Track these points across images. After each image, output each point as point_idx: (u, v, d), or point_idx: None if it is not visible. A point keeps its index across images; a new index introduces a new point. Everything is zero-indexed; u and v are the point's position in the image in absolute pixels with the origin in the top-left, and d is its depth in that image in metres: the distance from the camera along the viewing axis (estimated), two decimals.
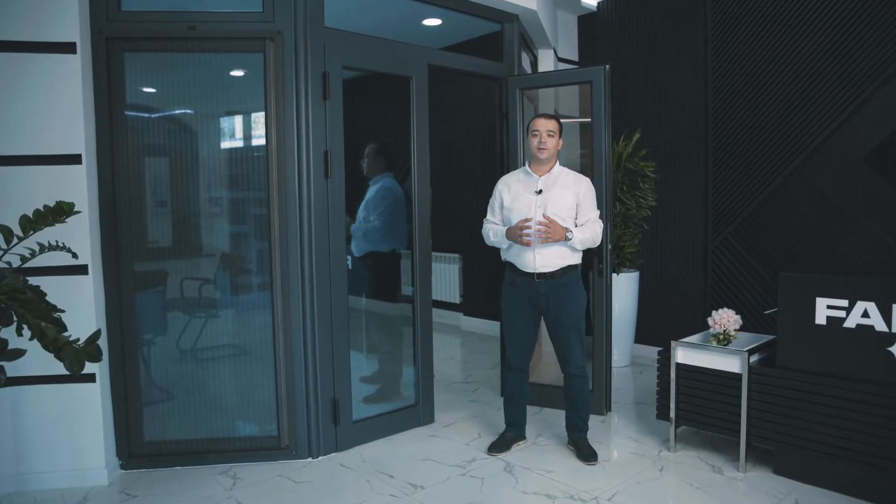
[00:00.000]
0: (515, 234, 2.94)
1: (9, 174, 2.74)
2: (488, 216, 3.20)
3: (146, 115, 3.04)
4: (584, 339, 3.13)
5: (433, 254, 6.83)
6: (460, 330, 6.45)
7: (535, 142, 3.00)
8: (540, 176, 3.04)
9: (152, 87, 3.02)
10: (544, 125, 3.00)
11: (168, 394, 3.22)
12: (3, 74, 2.71)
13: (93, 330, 2.88)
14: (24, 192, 2.68)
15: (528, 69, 4.63)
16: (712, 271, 4.55)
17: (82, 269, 2.82)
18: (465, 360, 5.32)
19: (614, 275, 4.62)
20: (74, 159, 2.80)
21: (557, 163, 3.10)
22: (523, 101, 3.89)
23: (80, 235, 2.80)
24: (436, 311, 6.88)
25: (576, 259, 3.05)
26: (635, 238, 4.72)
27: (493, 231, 3.11)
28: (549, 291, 3.01)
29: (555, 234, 2.88)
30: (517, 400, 3.28)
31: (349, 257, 4.77)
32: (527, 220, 2.92)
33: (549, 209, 2.94)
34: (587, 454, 3.11)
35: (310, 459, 3.16)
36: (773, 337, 3.14)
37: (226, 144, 3.15)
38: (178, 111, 3.09)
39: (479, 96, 6.05)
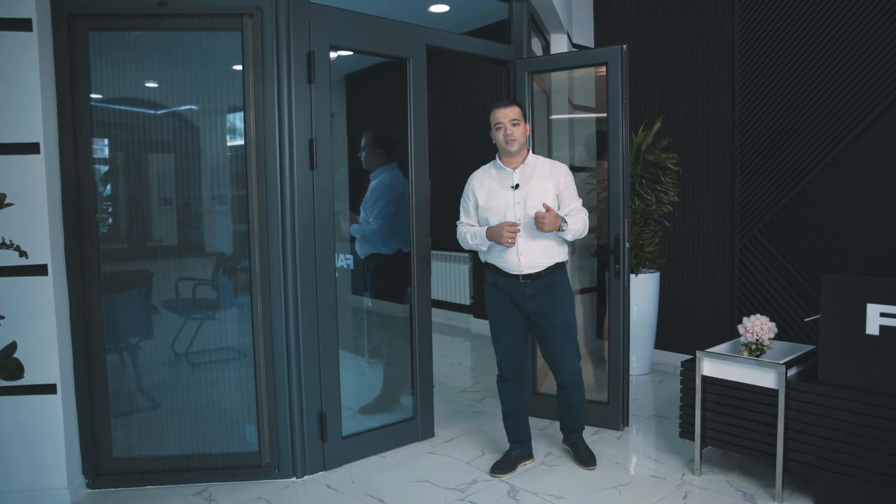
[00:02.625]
0: (498, 234, 2.67)
1: None
2: (462, 218, 2.92)
3: (114, 103, 2.77)
4: (576, 342, 2.88)
5: (442, 253, 6.58)
6: (470, 333, 6.14)
7: (500, 135, 2.73)
8: (514, 169, 2.78)
9: (120, 71, 2.74)
10: (505, 115, 2.72)
11: (153, 402, 2.97)
12: None
13: (53, 335, 2.66)
14: None
15: (540, 54, 4.30)
16: (740, 272, 4.18)
17: (41, 270, 2.56)
18: (472, 365, 5.01)
19: (633, 276, 4.28)
20: (31, 148, 2.53)
21: (530, 151, 2.85)
22: (533, 86, 3.56)
23: (38, 233, 2.54)
24: (445, 313, 6.67)
25: (562, 256, 2.82)
26: (655, 236, 4.37)
27: (470, 234, 2.84)
28: (535, 292, 2.76)
29: (554, 223, 2.64)
30: (516, 414, 3.00)
31: (350, 257, 4.51)
32: (514, 224, 2.66)
33: (529, 203, 2.70)
34: (586, 457, 2.93)
35: (294, 479, 2.87)
36: (813, 347, 2.78)
37: (202, 133, 2.87)
38: (148, 97, 2.81)
39: (493, 87, 5.73)
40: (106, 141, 2.84)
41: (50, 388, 2.61)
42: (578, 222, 2.76)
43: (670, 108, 4.48)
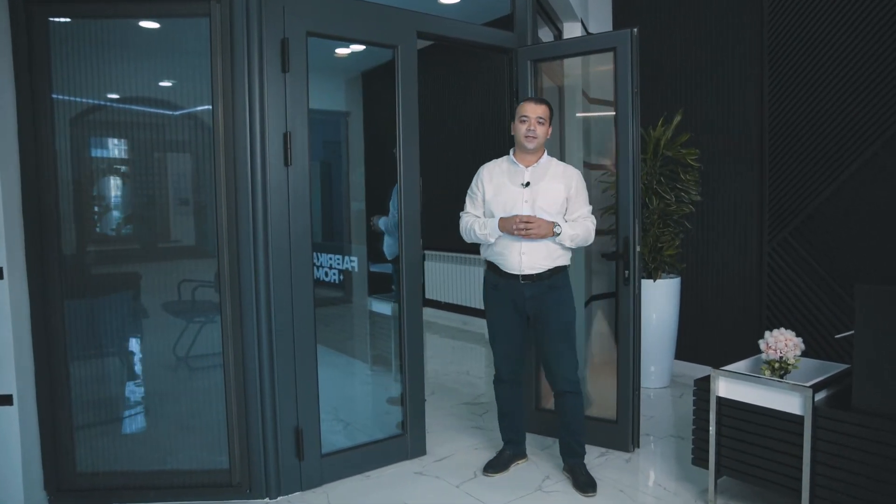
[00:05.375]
0: (511, 225, 2.59)
1: None
2: (468, 208, 2.86)
3: (77, 97, 2.60)
4: (575, 349, 2.79)
5: (458, 255, 6.32)
6: (485, 339, 5.86)
7: (523, 129, 2.68)
8: (527, 167, 2.73)
9: (82, 62, 2.56)
10: (534, 110, 2.67)
11: (121, 413, 2.81)
12: None
13: (9, 342, 2.50)
14: None
15: None
16: (769, 278, 3.82)
17: None
18: (481, 374, 4.74)
19: (650, 281, 3.96)
20: None
21: (545, 152, 2.79)
22: (535, 76, 3.28)
23: None
24: (461, 318, 6.42)
25: (564, 259, 2.75)
26: (676, 239, 4.03)
27: (478, 223, 2.74)
28: (535, 294, 2.69)
29: (539, 229, 2.56)
30: (511, 415, 2.96)
31: (354, 259, 4.31)
32: (529, 217, 2.58)
33: (538, 203, 2.65)
34: (584, 483, 2.71)
35: (267, 500, 2.66)
36: (846, 367, 2.44)
37: (169, 125, 2.69)
38: (114, 90, 2.63)
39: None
40: (82, 137, 2.69)
41: (5, 399, 2.45)
42: (577, 228, 2.68)
43: (693, 100, 4.14)
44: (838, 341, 3.43)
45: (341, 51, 4.93)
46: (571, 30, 4.27)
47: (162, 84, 2.68)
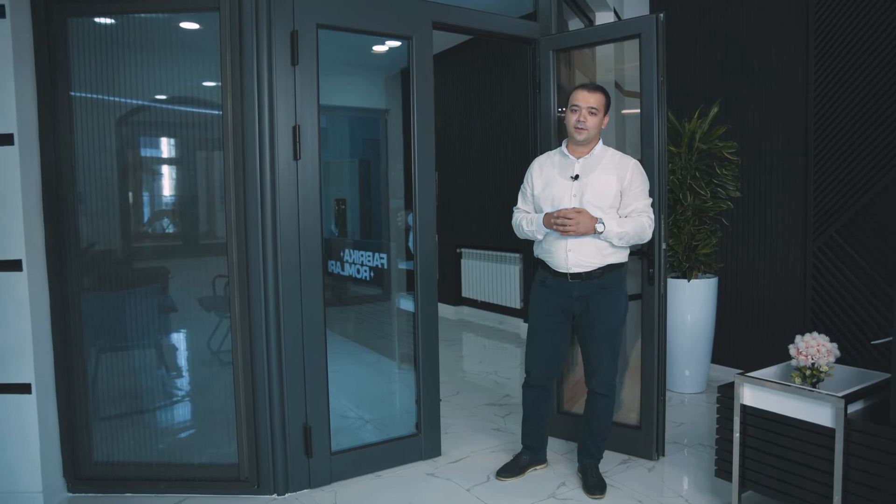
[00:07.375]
0: (552, 220, 2.48)
1: None
2: (519, 204, 2.75)
3: (95, 93, 2.64)
4: (617, 352, 2.65)
5: (492, 253, 6.22)
6: (519, 338, 5.76)
7: (573, 118, 2.50)
8: (578, 158, 2.56)
9: (99, 58, 2.60)
10: (586, 100, 2.49)
11: (137, 405, 2.85)
12: None
13: (28, 333, 2.57)
14: None
15: None
16: (813, 279, 3.57)
17: (14, 265, 2.47)
18: (509, 375, 4.63)
19: (684, 281, 3.77)
20: (4, 140, 2.44)
21: (600, 142, 2.60)
22: (558, 66, 3.16)
23: (11, 227, 2.45)
24: (494, 317, 6.33)
25: (618, 257, 2.55)
26: (712, 237, 3.83)
27: (526, 220, 2.65)
28: (584, 294, 2.55)
29: (579, 226, 2.39)
30: (535, 421, 2.83)
31: (384, 256, 4.28)
32: (565, 212, 2.45)
33: (587, 197, 2.48)
34: (593, 485, 2.62)
35: (274, 496, 2.65)
36: (885, 377, 2.23)
37: (182, 121, 2.71)
38: (133, 87, 2.66)
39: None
40: (103, 133, 2.74)
41: (24, 388, 2.51)
42: (626, 225, 2.46)
43: (731, 90, 3.92)
44: (887, 348, 3.17)
45: (378, 48, 4.88)
46: (604, 19, 4.11)
47: (179, 81, 2.70)
